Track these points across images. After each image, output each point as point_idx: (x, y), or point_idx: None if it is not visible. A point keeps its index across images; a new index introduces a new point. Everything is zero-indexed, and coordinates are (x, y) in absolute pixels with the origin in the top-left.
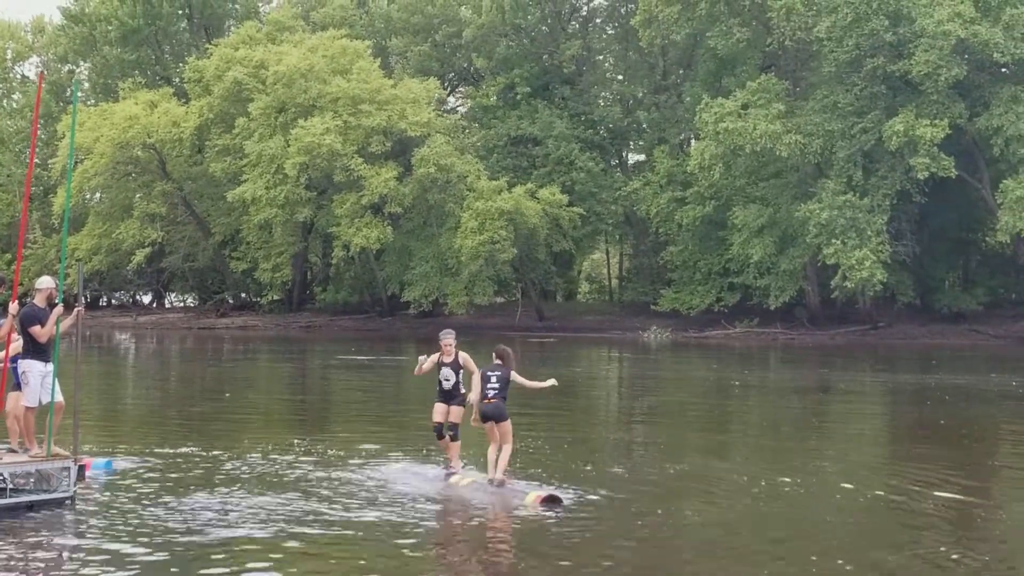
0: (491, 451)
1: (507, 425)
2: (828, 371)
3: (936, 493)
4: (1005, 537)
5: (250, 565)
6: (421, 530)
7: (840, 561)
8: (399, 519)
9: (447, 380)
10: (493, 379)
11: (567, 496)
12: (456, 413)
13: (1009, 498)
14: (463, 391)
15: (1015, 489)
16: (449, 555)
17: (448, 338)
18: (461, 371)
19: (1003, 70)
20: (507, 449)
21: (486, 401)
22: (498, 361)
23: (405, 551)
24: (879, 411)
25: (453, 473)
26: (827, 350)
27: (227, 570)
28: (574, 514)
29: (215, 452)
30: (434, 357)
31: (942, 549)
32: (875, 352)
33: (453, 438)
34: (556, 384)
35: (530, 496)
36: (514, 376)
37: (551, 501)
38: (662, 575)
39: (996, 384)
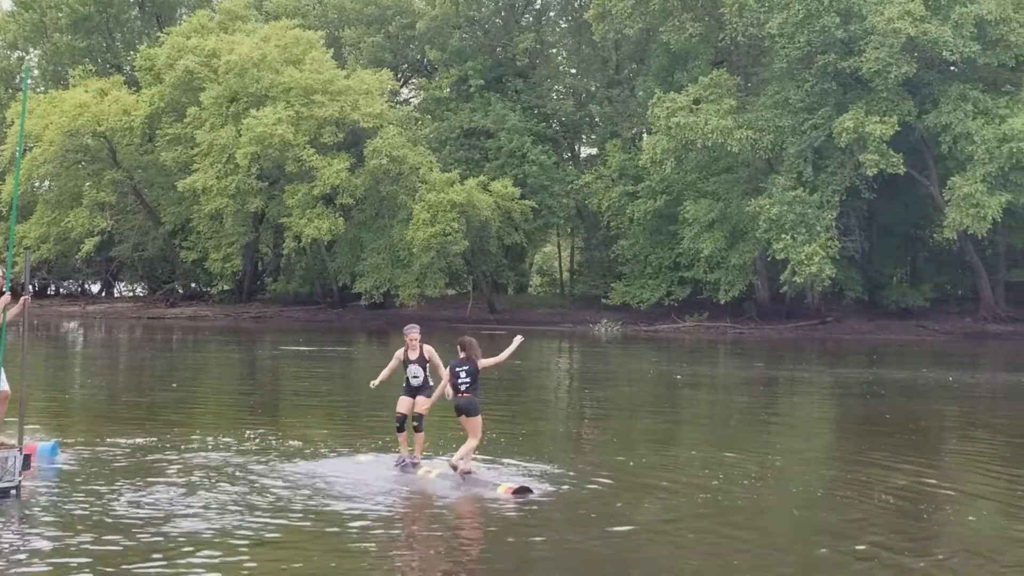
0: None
1: (477, 420)
2: (764, 365)
3: (885, 486)
4: (949, 529)
5: (204, 558)
6: (388, 522)
7: (802, 552)
8: (365, 511)
9: (415, 377)
10: (462, 374)
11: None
12: (422, 404)
13: (956, 492)
14: (432, 385)
15: (961, 483)
16: (416, 546)
17: (413, 332)
18: (428, 365)
19: (952, 68)
20: (472, 443)
21: (459, 395)
22: (463, 354)
23: (372, 543)
24: (822, 405)
25: (414, 463)
26: (775, 344)
27: (181, 563)
28: (535, 508)
29: (166, 443)
30: (398, 353)
31: (890, 542)
32: (822, 347)
33: (417, 429)
34: (522, 339)
35: (501, 488)
36: (482, 363)
37: (522, 492)
38: (625, 567)
39: (932, 379)
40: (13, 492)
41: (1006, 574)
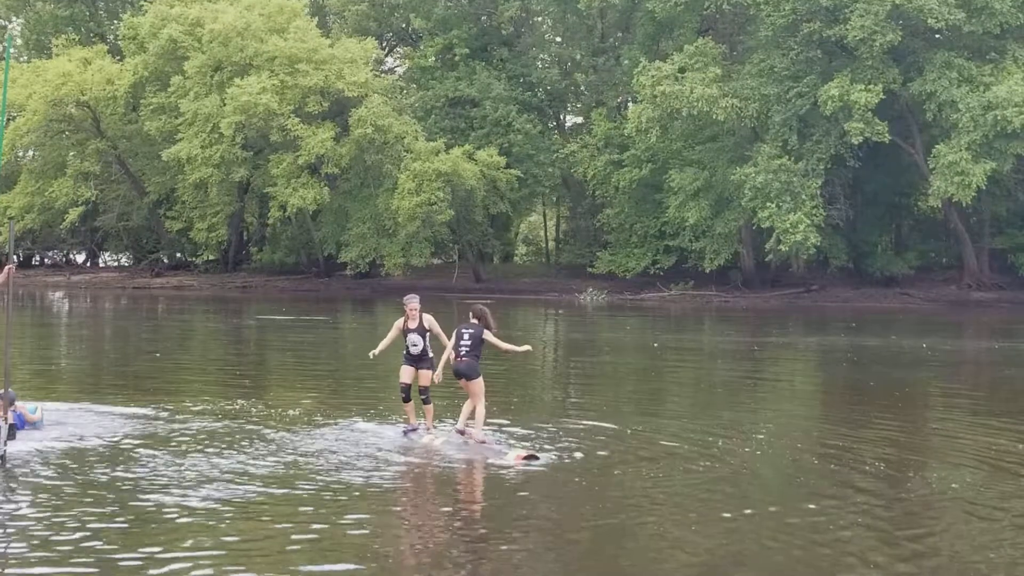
0: (467, 404)
1: (478, 384)
2: (734, 334)
3: (875, 453)
4: (936, 496)
5: (199, 526)
6: (389, 490)
7: (811, 523)
8: (365, 479)
9: (415, 345)
10: (466, 336)
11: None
12: (425, 377)
13: (937, 461)
14: (431, 355)
15: (945, 448)
16: (415, 514)
17: (413, 302)
18: (428, 334)
19: (936, 36)
20: (480, 408)
21: (459, 359)
22: (474, 320)
23: (371, 512)
24: (806, 373)
25: (415, 430)
26: (760, 313)
27: (176, 532)
28: (537, 477)
29: (156, 412)
30: (398, 323)
31: (886, 511)
32: (806, 315)
33: (425, 401)
34: (530, 350)
35: (511, 454)
36: (487, 335)
37: (529, 459)
38: (630, 537)
39: (907, 348)
40: None
41: (990, 545)
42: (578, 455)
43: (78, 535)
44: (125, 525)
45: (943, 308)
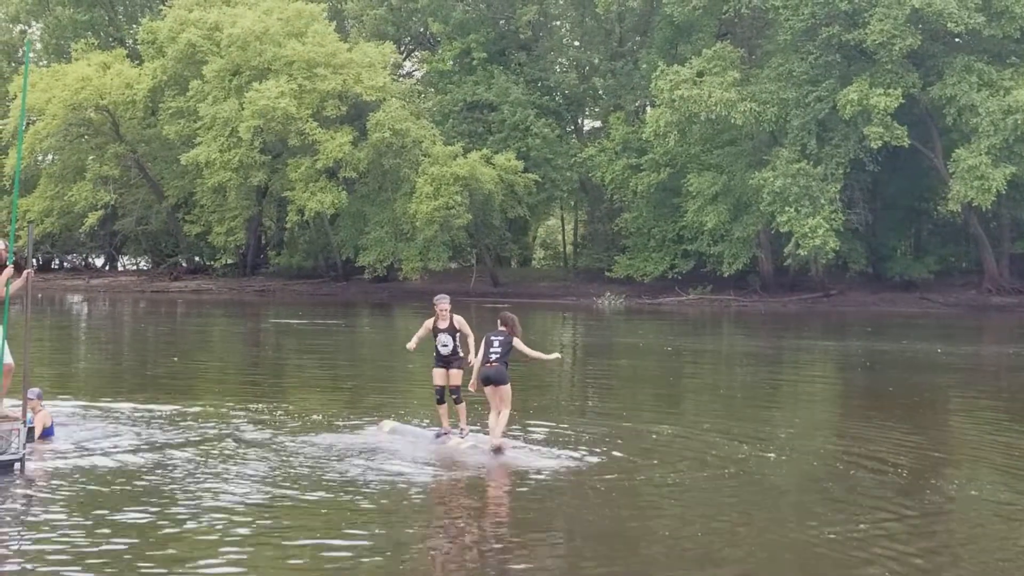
0: (492, 417)
1: (507, 389)
2: (752, 339)
3: (896, 460)
4: (954, 504)
5: (227, 536)
6: (419, 494)
7: (823, 531)
8: (397, 484)
9: (444, 346)
10: (496, 343)
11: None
12: (456, 376)
13: (958, 466)
14: (461, 355)
15: (965, 454)
16: (446, 520)
17: (443, 303)
18: (458, 334)
19: (956, 40)
20: (505, 413)
21: (488, 365)
22: (503, 328)
23: (405, 516)
24: (825, 378)
25: (448, 434)
26: (779, 317)
27: (202, 539)
28: (559, 482)
29: (175, 415)
30: (428, 323)
31: (901, 518)
32: (826, 320)
33: (457, 401)
34: (559, 358)
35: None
36: (517, 343)
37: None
38: (652, 544)
39: (923, 352)
40: (17, 465)
41: (1014, 550)
42: (600, 459)
43: (96, 539)
44: (144, 530)
45: (963, 313)
